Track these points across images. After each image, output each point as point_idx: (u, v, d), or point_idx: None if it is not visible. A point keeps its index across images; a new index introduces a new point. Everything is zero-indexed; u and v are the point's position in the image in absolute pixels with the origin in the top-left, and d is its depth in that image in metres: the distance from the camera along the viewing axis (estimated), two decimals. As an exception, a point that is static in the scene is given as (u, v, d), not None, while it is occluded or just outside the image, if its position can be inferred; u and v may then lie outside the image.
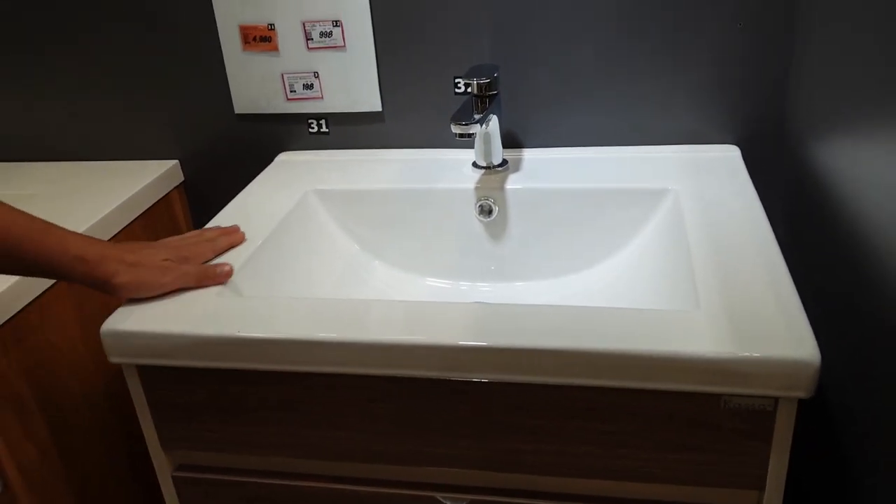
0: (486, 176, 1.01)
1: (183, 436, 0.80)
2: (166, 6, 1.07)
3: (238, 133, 1.15)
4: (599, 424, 0.70)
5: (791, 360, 0.62)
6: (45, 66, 1.14)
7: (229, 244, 0.86)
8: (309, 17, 1.04)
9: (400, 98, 1.08)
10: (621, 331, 0.67)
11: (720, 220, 0.85)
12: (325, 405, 0.74)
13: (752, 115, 1.01)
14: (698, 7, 0.96)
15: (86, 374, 0.99)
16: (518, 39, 1.01)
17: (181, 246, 0.82)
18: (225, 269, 0.80)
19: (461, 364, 0.68)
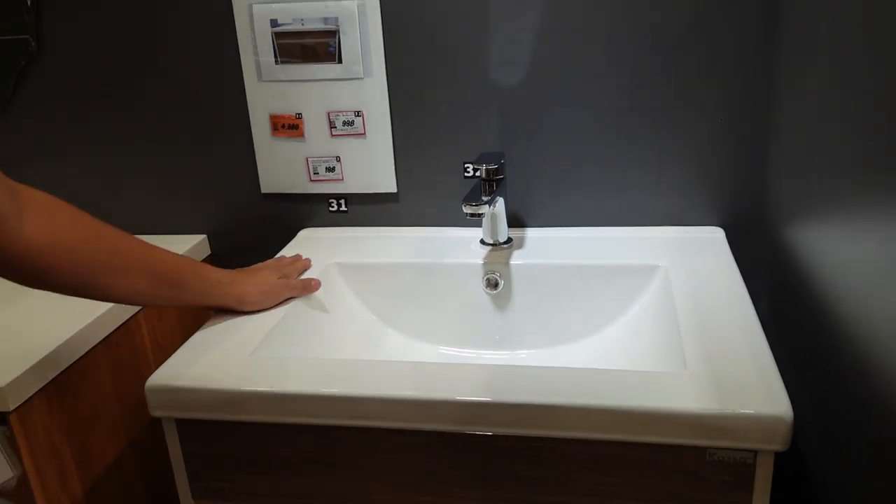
0: (493, 252, 1.11)
1: (213, 487, 0.86)
2: (205, 96, 1.19)
3: (264, 211, 1.25)
4: (597, 476, 0.77)
5: (767, 416, 0.70)
6: (91, 145, 1.25)
7: (304, 267, 1.08)
8: (333, 108, 1.15)
9: (413, 181, 1.18)
10: (615, 389, 0.74)
11: (705, 293, 0.94)
12: (346, 457, 0.81)
13: (735, 201, 1.11)
14: (684, 104, 1.07)
15: (116, 431, 1.06)
16: (523, 130, 1.12)
17: (279, 267, 1.04)
18: (317, 283, 1.03)
19: (470, 418, 0.76)
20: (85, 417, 0.99)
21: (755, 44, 1.03)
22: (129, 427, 1.08)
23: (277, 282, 0.99)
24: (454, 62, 1.10)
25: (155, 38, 1.17)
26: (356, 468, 0.81)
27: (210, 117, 1.20)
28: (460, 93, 1.12)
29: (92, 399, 1.01)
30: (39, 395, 0.91)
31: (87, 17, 1.18)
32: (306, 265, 1.09)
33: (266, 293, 0.96)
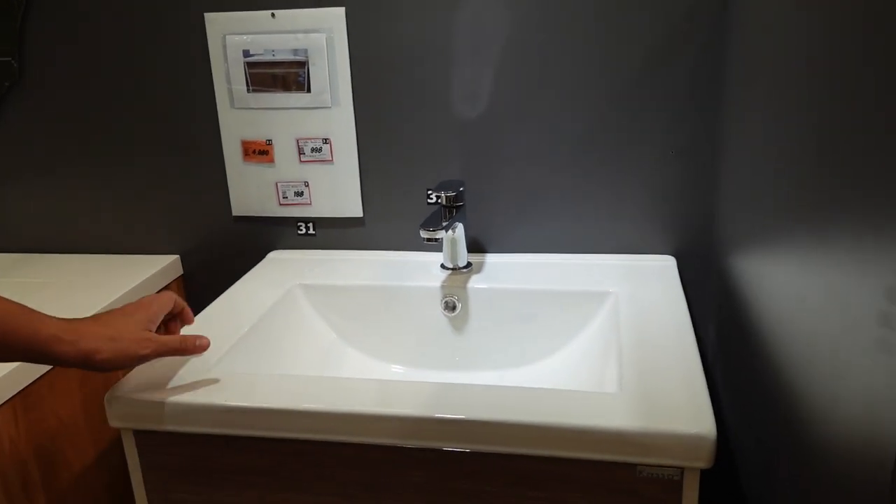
0: (452, 276, 1.15)
1: (169, 498, 0.89)
2: (180, 121, 1.24)
3: (234, 233, 1.29)
4: (535, 491, 0.80)
5: (692, 435, 0.74)
6: (68, 166, 1.30)
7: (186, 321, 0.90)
8: (302, 135, 1.20)
9: (379, 206, 1.23)
10: (552, 408, 0.78)
11: (650, 319, 0.98)
12: (299, 470, 0.85)
13: (686, 230, 1.16)
14: (637, 137, 1.12)
15: (83, 444, 1.09)
16: (484, 160, 1.17)
17: (150, 309, 0.82)
18: (203, 342, 0.84)
19: (413, 433, 0.79)
20: (52, 429, 1.02)
21: (705, 81, 1.08)
22: (96, 440, 1.11)
23: (140, 337, 0.78)
24: (418, 94, 1.15)
25: (132, 65, 1.22)
26: (307, 481, 0.85)
27: (184, 142, 1.25)
28: (424, 123, 1.17)
29: (60, 411, 1.04)
30: (5, 406, 0.94)
31: (67, 42, 1.22)
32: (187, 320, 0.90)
33: (123, 353, 0.76)
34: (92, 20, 1.21)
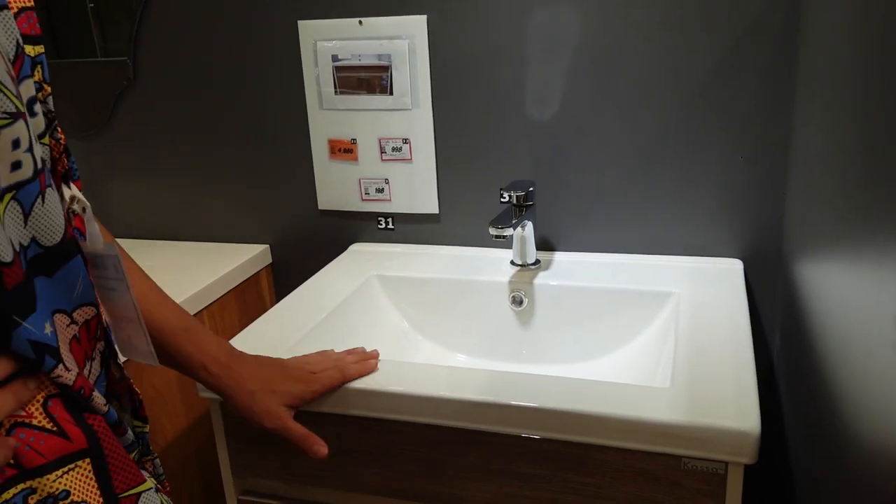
0: (520, 272, 1.20)
1: (249, 464, 0.98)
2: (274, 122, 1.33)
3: (319, 225, 1.37)
4: (582, 477, 0.85)
5: (736, 431, 0.77)
6: (173, 163, 1.42)
7: (358, 373, 0.90)
8: (384, 135, 1.27)
9: (454, 204, 1.29)
10: (604, 398, 0.82)
11: (709, 319, 1.00)
12: (364, 444, 0.92)
13: (754, 235, 1.17)
14: (706, 142, 1.14)
15: (177, 413, 1.19)
16: (554, 163, 1.21)
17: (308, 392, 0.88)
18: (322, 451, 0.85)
19: (472, 416, 0.85)
20: (149, 399, 1.13)
21: (772, 87, 1.09)
22: (188, 410, 1.22)
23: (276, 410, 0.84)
24: (493, 98, 1.21)
25: (233, 68, 1.32)
26: (371, 454, 0.92)
27: (277, 140, 1.34)
28: (498, 126, 1.22)
29: (157, 384, 1.15)
30: (111, 374, 1.05)
31: (176, 46, 1.34)
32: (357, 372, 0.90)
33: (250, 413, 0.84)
34: (198, 27, 1.32)
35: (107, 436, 0.57)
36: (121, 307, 0.67)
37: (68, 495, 0.53)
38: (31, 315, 0.52)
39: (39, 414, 0.53)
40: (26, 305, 0.52)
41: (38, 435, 0.52)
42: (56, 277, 0.55)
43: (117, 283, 0.66)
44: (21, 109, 0.51)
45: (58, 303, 0.56)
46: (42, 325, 0.53)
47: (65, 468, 0.53)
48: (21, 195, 0.52)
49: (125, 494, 0.58)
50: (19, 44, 0.53)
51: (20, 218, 0.52)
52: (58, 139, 0.60)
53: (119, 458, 0.57)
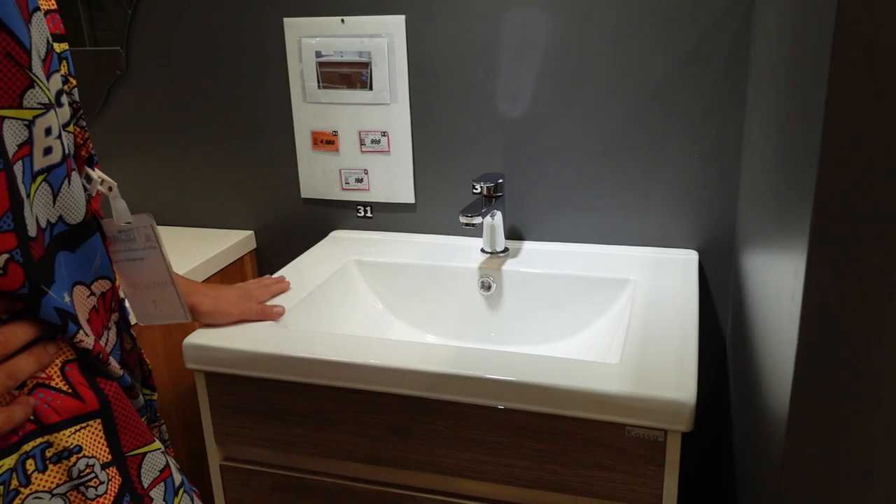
0: (490, 259, 1.27)
1: (231, 432, 1.05)
2: (259, 113, 1.40)
3: (302, 213, 1.45)
4: (538, 444, 0.92)
5: (674, 401, 0.85)
6: (163, 150, 1.48)
7: (280, 290, 1.15)
8: (364, 128, 1.35)
9: (429, 194, 1.36)
10: (557, 372, 0.90)
11: (661, 304, 1.08)
12: (338, 413, 0.99)
13: (709, 227, 1.25)
14: (665, 139, 1.22)
15: (164, 387, 1.26)
16: (524, 155, 1.29)
17: (247, 288, 1.10)
18: (279, 310, 1.08)
19: (438, 386, 0.93)
20: (138, 372, 1.20)
21: (727, 90, 1.17)
22: (175, 384, 1.29)
23: (234, 301, 1.04)
24: (467, 94, 1.28)
25: (221, 61, 1.39)
26: (345, 423, 0.99)
27: (262, 131, 1.41)
28: (471, 120, 1.29)
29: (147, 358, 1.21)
30: (102, 347, 1.12)
31: (167, 38, 1.41)
32: (282, 288, 1.15)
33: (219, 310, 1.02)
34: (189, 21, 1.38)
35: (118, 399, 0.63)
36: (150, 273, 0.75)
37: (81, 450, 0.60)
38: (53, 285, 0.58)
39: (57, 377, 0.60)
40: (48, 277, 0.58)
41: (55, 395, 0.59)
42: (78, 252, 0.62)
43: (148, 251, 0.74)
44: (51, 101, 0.58)
45: (78, 275, 0.63)
46: (62, 294, 0.60)
47: (78, 426, 0.60)
48: (51, 177, 0.59)
49: (132, 453, 0.64)
50: (49, 42, 0.60)
51: (50, 197, 0.59)
52: (82, 127, 0.67)
53: (128, 419, 0.64)
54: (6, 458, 0.57)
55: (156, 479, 0.66)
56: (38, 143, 0.57)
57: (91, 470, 0.61)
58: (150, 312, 0.79)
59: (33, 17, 0.58)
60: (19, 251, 0.55)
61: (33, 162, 0.57)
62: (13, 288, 0.55)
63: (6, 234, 0.54)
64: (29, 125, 0.56)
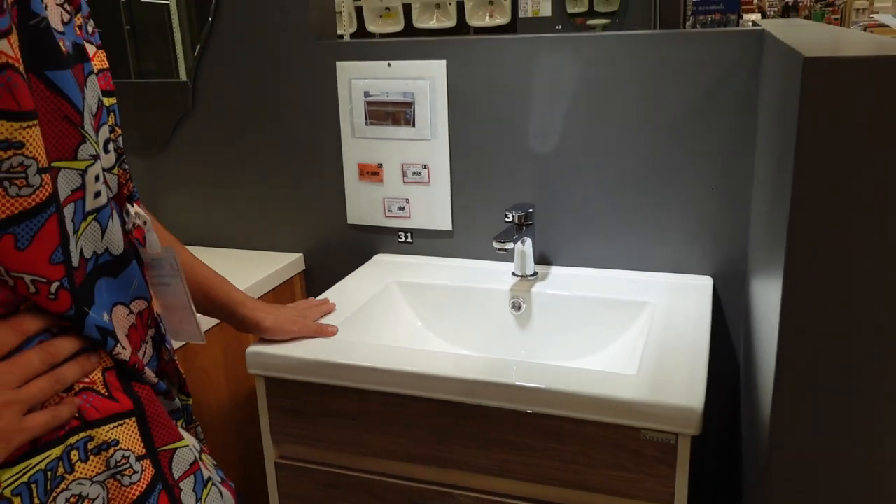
0: (520, 282, 1.39)
1: (286, 432, 1.17)
2: (312, 146, 1.54)
3: (348, 237, 1.58)
4: (562, 446, 1.03)
5: (684, 407, 0.95)
6: (224, 179, 1.63)
7: (327, 310, 1.27)
8: (406, 161, 1.48)
9: (465, 221, 1.49)
10: (580, 381, 1.01)
11: (676, 324, 1.19)
12: (380, 415, 1.11)
13: (723, 255, 1.36)
14: (682, 174, 1.33)
15: (221, 394, 1.39)
16: (552, 188, 1.41)
17: (300, 308, 1.23)
18: (333, 329, 1.20)
19: (473, 392, 1.04)
20: (200, 380, 1.33)
21: (737, 128, 1.28)
22: (231, 391, 1.41)
23: (293, 319, 1.17)
24: (501, 131, 1.41)
25: (279, 100, 1.54)
26: (385, 424, 1.11)
27: (314, 163, 1.55)
28: (505, 155, 1.42)
29: (207, 367, 1.35)
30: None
31: (231, 74, 1.56)
32: (329, 309, 1.27)
33: (280, 327, 1.14)
34: (251, 59, 1.53)
35: (150, 401, 0.73)
36: (175, 298, 0.85)
37: (117, 444, 0.69)
38: (93, 306, 0.68)
39: (99, 381, 0.69)
40: (89, 300, 0.68)
41: (96, 397, 0.69)
42: (119, 278, 0.72)
43: (172, 278, 0.84)
44: (99, 152, 0.69)
45: (119, 296, 0.72)
46: (101, 314, 0.69)
47: (115, 423, 0.69)
48: (100, 216, 0.69)
49: (163, 448, 0.73)
50: (100, 99, 0.70)
51: (98, 233, 0.69)
52: (125, 169, 0.77)
53: (159, 419, 0.73)
54: (54, 449, 0.65)
55: (185, 472, 0.75)
56: (89, 188, 0.67)
57: (126, 461, 0.69)
58: (177, 330, 0.89)
59: (88, 80, 0.67)
60: (67, 279, 0.64)
61: (85, 204, 0.67)
62: (62, 310, 0.64)
63: (57, 266, 0.63)
64: (82, 174, 0.66)
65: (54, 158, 0.63)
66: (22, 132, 0.59)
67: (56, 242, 0.63)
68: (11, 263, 0.61)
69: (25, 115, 0.59)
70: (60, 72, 0.62)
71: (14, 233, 0.60)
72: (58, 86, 0.62)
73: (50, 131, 0.62)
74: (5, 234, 0.60)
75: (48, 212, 0.62)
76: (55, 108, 0.62)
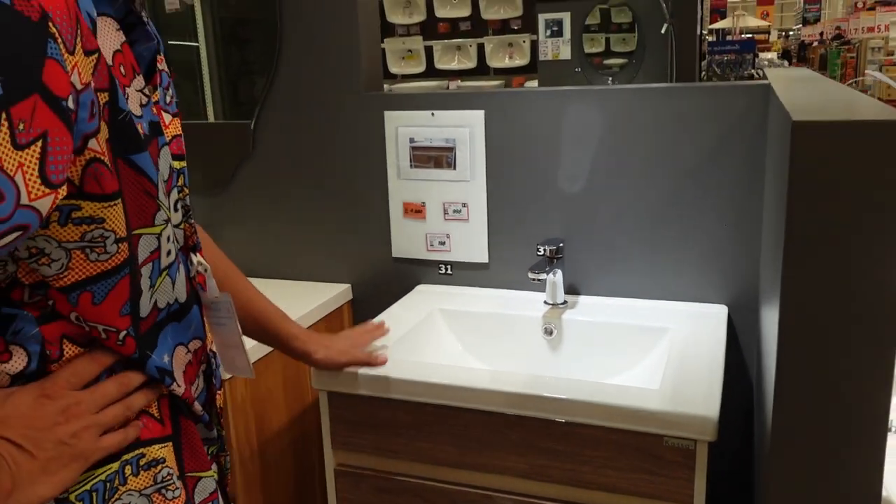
0: (551, 310, 1.53)
1: (345, 441, 1.32)
2: (361, 186, 1.71)
3: (393, 269, 1.73)
4: (594, 451, 1.16)
5: (700, 416, 1.09)
6: (279, 215, 1.79)
7: (380, 334, 1.37)
8: (447, 200, 1.64)
9: (500, 255, 1.64)
10: (611, 394, 1.15)
11: (694, 347, 1.32)
12: (433, 426, 1.25)
13: (737, 286, 1.50)
14: (698, 211, 1.48)
15: (279, 410, 1.54)
16: (580, 225, 1.56)
17: (353, 336, 1.33)
18: (383, 359, 1.29)
19: (513, 404, 1.18)
20: (262, 397, 1.48)
21: (748, 170, 1.43)
22: (289, 408, 1.56)
23: (344, 350, 1.26)
24: (533, 173, 1.57)
25: (332, 145, 1.71)
26: (437, 433, 1.25)
27: (362, 201, 1.71)
28: (537, 194, 1.57)
29: (269, 385, 1.50)
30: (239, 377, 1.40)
31: (289, 124, 1.73)
32: (382, 333, 1.35)
33: (330, 359, 1.23)
34: (307, 108, 1.71)
35: (188, 433, 0.82)
36: (230, 337, 0.96)
37: (164, 461, 0.79)
38: (155, 350, 0.77)
39: (154, 407, 0.79)
40: (153, 345, 0.77)
41: (150, 420, 0.78)
42: (182, 322, 0.83)
43: (227, 319, 0.95)
44: (170, 216, 0.77)
45: (180, 338, 0.83)
46: (162, 356, 0.78)
47: (162, 444, 0.79)
48: (171, 272, 0.78)
49: (190, 474, 0.82)
50: (171, 165, 0.79)
51: (170, 286, 0.78)
52: (191, 223, 0.85)
53: (192, 448, 0.82)
54: (113, 463, 0.74)
55: (205, 500, 0.84)
56: (163, 248, 0.76)
57: (171, 477, 0.79)
58: (231, 365, 1.00)
59: (161, 152, 0.75)
60: (132, 328, 0.74)
61: (160, 262, 0.76)
62: (128, 354, 0.75)
63: (125, 317, 0.73)
64: (157, 237, 0.75)
65: (136, 227, 0.73)
66: (104, 210, 0.68)
67: (126, 298, 0.73)
68: (88, 315, 0.71)
69: (108, 196, 0.68)
70: (140, 154, 0.71)
71: (91, 290, 0.70)
72: (139, 166, 0.71)
73: (133, 203, 0.72)
74: (84, 291, 0.70)
75: (122, 274, 0.72)
76: (137, 184, 0.72)
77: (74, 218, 0.67)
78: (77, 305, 0.70)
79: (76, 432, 0.71)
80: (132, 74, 0.73)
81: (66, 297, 0.70)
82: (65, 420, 0.71)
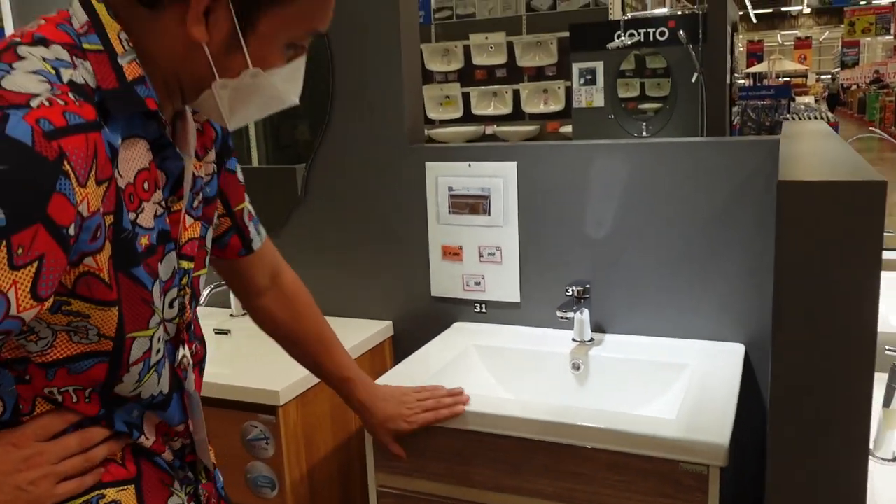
0: (579, 346, 1.65)
1: (387, 465, 1.44)
2: (403, 231, 1.85)
3: (431, 307, 1.86)
4: (616, 476, 1.27)
5: (712, 443, 1.19)
6: (330, 257, 1.94)
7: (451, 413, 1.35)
8: (482, 244, 1.77)
9: (531, 295, 1.76)
10: (633, 422, 1.26)
11: (711, 382, 1.43)
12: (470, 450, 1.36)
13: (753, 326, 1.60)
14: (716, 256, 1.59)
15: (326, 435, 1.66)
16: (606, 268, 1.68)
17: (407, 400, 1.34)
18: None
19: (543, 431, 1.29)
20: (312, 422, 1.61)
21: (762, 218, 1.54)
22: (335, 433, 1.69)
23: (393, 413, 1.30)
24: (562, 219, 1.70)
25: (377, 193, 1.86)
26: (474, 457, 1.36)
27: (404, 244, 1.86)
28: (564, 239, 1.70)
29: (318, 411, 1.63)
30: (295, 400, 1.53)
31: (337, 174, 1.89)
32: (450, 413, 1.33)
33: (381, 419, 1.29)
34: (355, 158, 1.87)
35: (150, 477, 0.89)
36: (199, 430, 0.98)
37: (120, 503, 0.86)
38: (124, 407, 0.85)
39: (118, 453, 0.87)
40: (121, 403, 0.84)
41: (112, 465, 0.86)
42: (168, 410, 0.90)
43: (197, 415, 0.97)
44: (162, 317, 0.85)
45: None
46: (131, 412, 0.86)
47: (120, 487, 0.86)
48: (158, 369, 0.87)
49: None
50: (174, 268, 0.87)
51: (156, 380, 0.87)
52: (183, 318, 0.91)
53: (153, 491, 0.89)
54: (77, 500, 0.83)
55: None
56: (153, 348, 0.84)
57: None
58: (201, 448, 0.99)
59: (166, 257, 0.84)
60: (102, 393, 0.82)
61: (150, 361, 0.85)
62: (93, 414, 0.83)
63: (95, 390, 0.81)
64: (150, 338, 0.83)
65: (131, 330, 0.81)
66: (92, 311, 0.76)
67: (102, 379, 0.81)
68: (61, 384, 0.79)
69: (98, 302, 0.76)
70: (138, 268, 0.80)
71: (68, 367, 0.78)
72: (138, 278, 0.80)
73: (130, 310, 0.80)
74: (62, 368, 0.78)
75: (100, 358, 0.79)
76: (135, 293, 0.80)
77: (64, 310, 0.76)
78: (53, 379, 0.79)
79: (34, 480, 0.79)
80: (153, 189, 0.82)
81: (44, 372, 0.78)
82: (26, 468, 0.79)
